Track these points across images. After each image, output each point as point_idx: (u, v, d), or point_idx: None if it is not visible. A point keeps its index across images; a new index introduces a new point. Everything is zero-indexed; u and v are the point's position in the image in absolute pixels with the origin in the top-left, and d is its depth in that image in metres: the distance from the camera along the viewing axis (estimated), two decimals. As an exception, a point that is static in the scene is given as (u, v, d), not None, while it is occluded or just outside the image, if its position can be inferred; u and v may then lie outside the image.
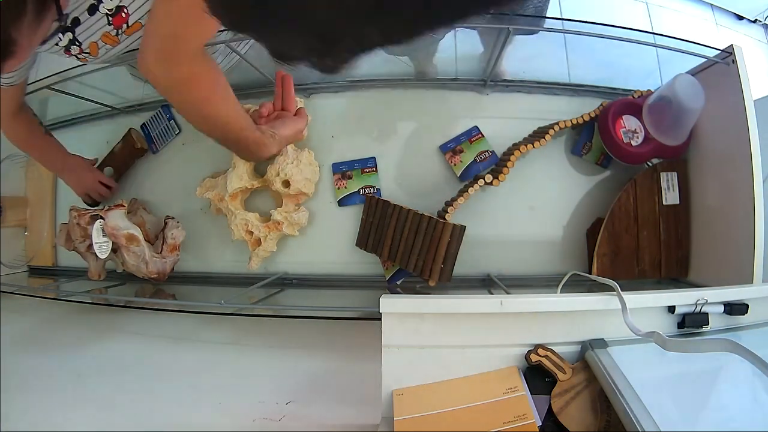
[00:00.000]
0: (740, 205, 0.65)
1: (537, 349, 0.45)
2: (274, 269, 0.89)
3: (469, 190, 0.73)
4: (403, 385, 0.45)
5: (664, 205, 0.77)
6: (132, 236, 0.80)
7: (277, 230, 0.82)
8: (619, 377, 0.39)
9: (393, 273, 0.80)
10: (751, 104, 0.64)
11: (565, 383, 0.42)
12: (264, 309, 0.81)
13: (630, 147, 0.76)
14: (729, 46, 0.67)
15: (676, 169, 0.77)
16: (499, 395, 0.42)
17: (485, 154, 0.82)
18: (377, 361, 0.45)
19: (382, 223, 0.76)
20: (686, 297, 0.45)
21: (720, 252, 0.71)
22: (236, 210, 0.83)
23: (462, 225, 0.67)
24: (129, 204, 0.90)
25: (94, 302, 0.92)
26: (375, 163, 0.85)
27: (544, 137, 0.74)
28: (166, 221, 0.87)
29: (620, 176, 0.82)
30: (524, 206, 0.83)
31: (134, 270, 0.82)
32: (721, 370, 0.42)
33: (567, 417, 0.40)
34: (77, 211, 0.81)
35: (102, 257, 0.80)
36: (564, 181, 0.83)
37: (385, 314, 0.45)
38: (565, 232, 0.83)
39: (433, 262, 0.68)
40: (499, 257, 0.83)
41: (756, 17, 1.87)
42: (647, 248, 0.77)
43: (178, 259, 0.87)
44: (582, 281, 0.72)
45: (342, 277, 0.86)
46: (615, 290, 0.45)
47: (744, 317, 0.47)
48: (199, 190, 0.86)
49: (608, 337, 0.45)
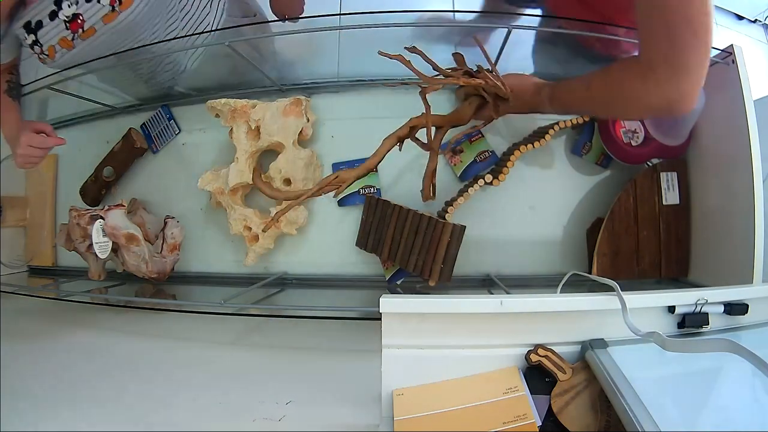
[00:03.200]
0: (740, 205, 0.65)
1: (537, 349, 0.45)
2: (274, 269, 0.89)
3: (469, 190, 0.73)
4: (403, 385, 0.45)
5: (664, 205, 0.77)
6: (132, 236, 0.80)
7: (274, 228, 0.82)
8: (619, 377, 0.39)
9: (393, 273, 0.80)
10: (751, 104, 0.64)
11: (565, 383, 0.42)
12: (264, 309, 0.81)
13: (630, 147, 0.76)
14: (729, 46, 0.67)
15: (676, 169, 0.77)
16: (499, 395, 0.42)
17: (485, 154, 0.82)
18: (377, 361, 0.45)
19: (382, 223, 0.76)
20: (686, 297, 0.45)
21: (720, 252, 0.71)
22: (235, 205, 0.83)
23: (462, 225, 0.67)
24: (129, 204, 0.90)
25: (94, 302, 0.91)
26: (375, 163, 0.85)
27: (544, 137, 0.74)
28: (166, 221, 0.87)
29: (620, 176, 0.82)
30: (524, 206, 0.83)
31: (134, 270, 0.82)
32: (721, 370, 0.42)
33: (567, 417, 0.40)
34: (77, 211, 0.81)
35: (102, 257, 0.80)
36: (564, 181, 0.83)
37: (385, 314, 0.45)
38: (565, 232, 0.83)
39: (433, 262, 0.68)
40: (499, 257, 0.83)
41: (756, 17, 1.87)
42: (647, 248, 0.77)
43: (178, 258, 0.87)
44: (582, 281, 0.72)
45: (342, 277, 0.86)
46: (615, 290, 0.45)
47: (744, 317, 0.47)
48: (200, 182, 0.85)
49: (608, 337, 0.45)
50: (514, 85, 0.67)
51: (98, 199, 0.98)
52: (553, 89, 0.64)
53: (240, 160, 0.81)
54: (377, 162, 0.65)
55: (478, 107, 0.69)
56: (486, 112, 0.70)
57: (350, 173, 0.64)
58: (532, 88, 0.67)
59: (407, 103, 0.86)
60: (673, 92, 0.49)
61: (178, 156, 0.95)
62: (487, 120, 0.71)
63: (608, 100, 0.57)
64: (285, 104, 0.82)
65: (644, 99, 0.51)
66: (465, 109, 0.69)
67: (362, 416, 0.50)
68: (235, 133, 0.82)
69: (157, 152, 0.96)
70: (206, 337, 0.78)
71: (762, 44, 1.87)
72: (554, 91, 0.64)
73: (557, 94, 0.63)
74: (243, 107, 0.81)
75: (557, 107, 0.64)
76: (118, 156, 0.95)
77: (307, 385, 0.61)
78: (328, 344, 0.73)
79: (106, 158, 0.96)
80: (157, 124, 0.96)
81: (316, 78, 0.89)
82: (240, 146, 0.81)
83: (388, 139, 0.66)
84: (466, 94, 0.72)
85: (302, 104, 0.83)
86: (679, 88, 0.48)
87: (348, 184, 0.65)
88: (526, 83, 0.67)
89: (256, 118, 0.81)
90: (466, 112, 0.69)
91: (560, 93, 0.63)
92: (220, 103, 0.82)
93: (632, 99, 0.53)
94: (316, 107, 0.88)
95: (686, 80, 0.48)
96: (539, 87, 0.66)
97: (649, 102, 0.51)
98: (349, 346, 0.71)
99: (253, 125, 0.81)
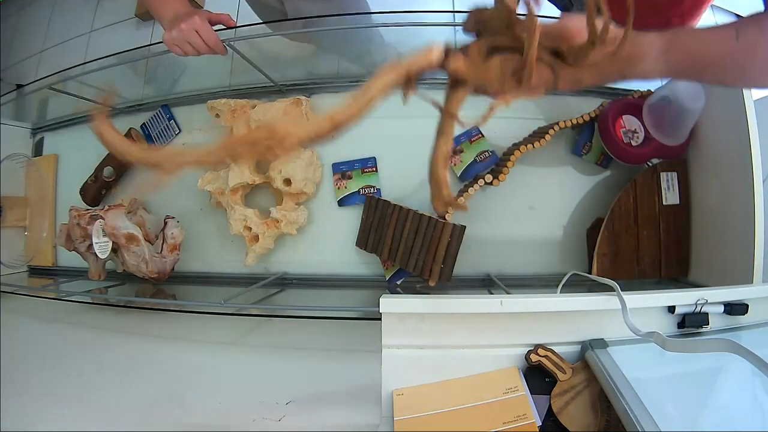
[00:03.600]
0: (740, 205, 0.65)
1: (537, 349, 0.45)
2: (274, 269, 0.89)
3: (469, 190, 0.73)
4: (403, 385, 0.45)
5: (664, 205, 0.77)
6: (132, 236, 0.80)
7: (275, 228, 0.82)
8: (619, 377, 0.39)
9: (393, 273, 0.80)
10: (751, 104, 0.64)
11: (565, 383, 0.42)
12: (264, 309, 0.81)
13: (630, 147, 0.76)
14: (729, 46, 0.67)
15: (676, 169, 0.77)
16: (499, 395, 0.42)
17: (485, 154, 0.82)
18: (377, 361, 0.45)
19: (382, 223, 0.76)
20: (686, 297, 0.45)
21: (720, 252, 0.71)
22: (235, 205, 0.83)
23: (462, 225, 0.67)
24: (129, 204, 0.90)
25: (94, 302, 0.92)
26: (375, 163, 0.85)
27: (544, 137, 0.74)
28: (166, 221, 0.87)
29: (620, 176, 0.82)
30: (524, 206, 0.83)
31: (134, 270, 0.82)
32: (721, 370, 0.42)
33: (567, 417, 0.40)
34: (77, 211, 0.81)
35: (102, 257, 0.80)
36: (564, 181, 0.83)
37: (385, 314, 0.45)
38: (565, 232, 0.83)
39: (433, 262, 0.68)
40: (499, 257, 0.83)
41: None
42: (647, 248, 0.77)
43: (178, 258, 0.87)
44: (582, 281, 0.72)
45: (342, 277, 0.86)
46: (615, 290, 0.45)
47: (744, 317, 0.47)
48: (200, 182, 0.85)
49: (608, 337, 0.45)
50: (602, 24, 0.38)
51: (98, 199, 0.98)
52: (672, 39, 0.43)
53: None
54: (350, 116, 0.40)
55: (515, 71, 0.39)
56: (538, 80, 0.39)
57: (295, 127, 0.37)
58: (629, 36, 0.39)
59: (407, 103, 0.86)
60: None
61: (178, 156, 0.95)
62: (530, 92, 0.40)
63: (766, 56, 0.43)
64: (285, 104, 0.82)
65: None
66: (493, 69, 0.39)
67: (362, 416, 0.50)
68: (235, 133, 0.82)
69: (157, 152, 0.96)
70: (206, 337, 0.78)
71: (762, 44, 1.87)
72: (675, 41, 0.43)
73: (682, 44, 0.43)
74: (243, 107, 0.81)
75: (674, 65, 0.44)
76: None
77: (307, 385, 0.61)
78: (328, 344, 0.73)
79: (106, 158, 0.96)
80: (157, 124, 0.96)
81: (316, 78, 0.89)
82: (240, 146, 0.81)
83: (380, 78, 0.39)
84: (490, 47, 0.40)
85: (302, 104, 0.83)
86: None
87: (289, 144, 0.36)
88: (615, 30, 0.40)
89: (256, 118, 0.81)
90: (495, 74, 0.39)
91: (688, 42, 0.44)
92: (220, 103, 0.82)
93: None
94: (316, 107, 0.88)
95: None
96: (640, 35, 0.42)
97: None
98: (349, 346, 0.71)
99: (253, 125, 0.81)
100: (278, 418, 0.52)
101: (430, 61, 0.39)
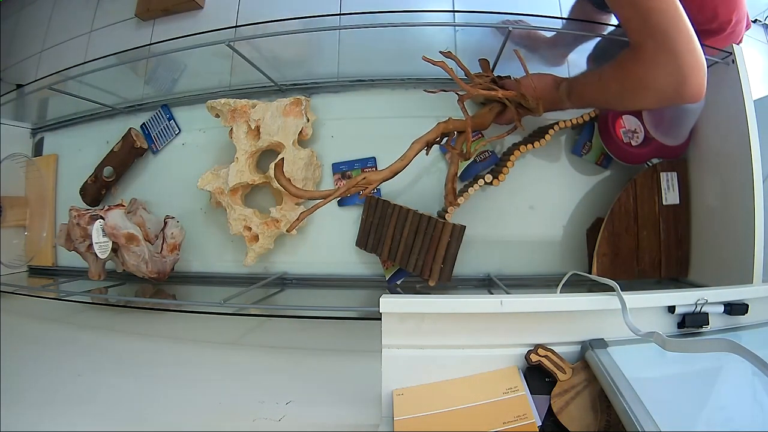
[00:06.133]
0: (740, 205, 0.65)
1: (537, 349, 0.45)
2: (274, 269, 0.89)
3: (469, 190, 0.73)
4: (403, 385, 0.45)
5: (664, 205, 0.77)
6: (132, 236, 0.80)
7: (275, 228, 0.82)
8: (619, 377, 0.39)
9: (393, 273, 0.80)
10: (751, 104, 0.64)
11: (565, 383, 0.42)
12: (264, 309, 0.81)
13: (630, 147, 0.76)
14: (729, 46, 0.67)
15: (676, 169, 0.77)
16: (499, 395, 0.42)
17: (485, 154, 0.82)
18: (377, 361, 0.45)
19: (382, 223, 0.76)
20: (686, 297, 0.45)
21: (720, 252, 0.71)
22: (235, 205, 0.83)
23: (462, 225, 0.67)
24: (129, 204, 0.90)
25: (94, 302, 0.92)
26: (375, 163, 0.85)
27: (544, 137, 0.74)
28: (166, 221, 0.87)
29: (620, 176, 0.82)
30: (524, 206, 0.83)
31: (134, 270, 0.82)
32: (721, 370, 0.42)
33: (567, 417, 0.40)
34: (77, 211, 0.81)
35: (102, 257, 0.80)
36: (564, 181, 0.83)
37: (385, 314, 0.45)
38: (565, 232, 0.83)
39: (432, 262, 0.68)
40: (499, 257, 0.83)
41: (756, 17, 1.87)
42: (647, 248, 0.77)
43: (178, 258, 0.87)
44: (582, 281, 0.72)
45: (342, 277, 0.86)
46: (615, 290, 0.45)
47: (744, 317, 0.47)
48: (200, 182, 0.85)
49: (608, 337, 0.45)
50: (536, 86, 0.66)
51: (98, 199, 0.98)
52: (570, 84, 0.64)
53: (240, 160, 0.81)
54: (405, 165, 0.65)
55: (499, 113, 0.72)
56: (508, 116, 0.71)
57: (378, 175, 0.64)
58: (552, 84, 0.67)
59: (407, 103, 0.86)
60: (670, 67, 0.50)
61: (178, 156, 0.95)
62: (507, 123, 0.73)
63: (619, 88, 0.57)
64: (285, 104, 0.82)
65: (646, 81, 0.52)
66: (486, 115, 0.71)
67: (362, 416, 0.50)
68: (235, 133, 0.82)
69: (157, 152, 0.96)
70: (206, 337, 0.78)
71: (762, 44, 1.86)
72: (571, 86, 0.64)
73: (574, 88, 0.63)
74: (243, 107, 0.81)
75: (575, 102, 0.64)
76: (118, 156, 0.95)
77: (307, 385, 0.61)
78: (328, 344, 0.73)
79: (106, 158, 0.96)
80: (157, 124, 0.96)
81: (316, 78, 0.89)
82: (240, 146, 0.82)
83: (416, 143, 0.66)
84: (486, 99, 0.73)
85: (302, 104, 0.83)
86: (674, 61, 0.50)
87: (375, 186, 0.65)
88: (546, 81, 0.67)
89: (256, 118, 0.81)
90: (487, 117, 0.71)
91: (577, 86, 0.63)
92: (220, 103, 0.82)
93: (638, 84, 0.53)
94: (316, 107, 0.88)
95: (676, 52, 0.49)
96: (557, 83, 0.66)
97: (654, 84, 0.51)
98: (349, 346, 0.71)
99: (253, 125, 0.81)
100: (278, 418, 0.52)
101: (438, 134, 0.67)
